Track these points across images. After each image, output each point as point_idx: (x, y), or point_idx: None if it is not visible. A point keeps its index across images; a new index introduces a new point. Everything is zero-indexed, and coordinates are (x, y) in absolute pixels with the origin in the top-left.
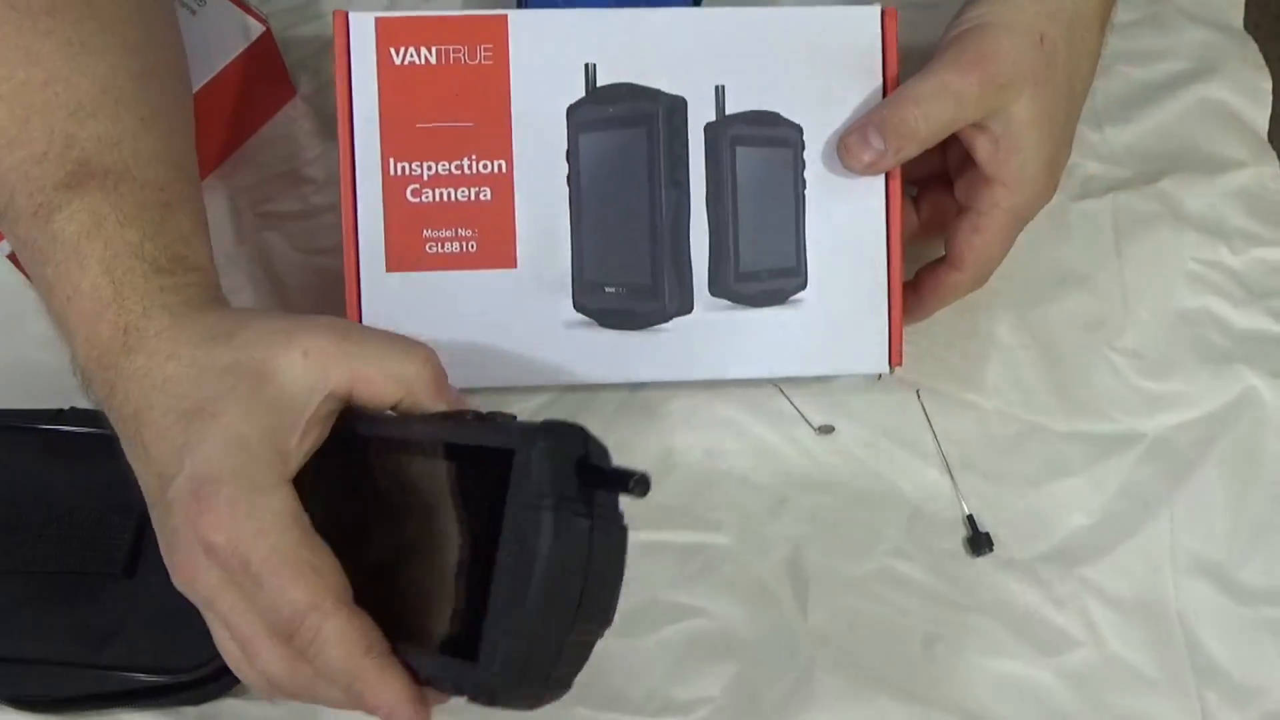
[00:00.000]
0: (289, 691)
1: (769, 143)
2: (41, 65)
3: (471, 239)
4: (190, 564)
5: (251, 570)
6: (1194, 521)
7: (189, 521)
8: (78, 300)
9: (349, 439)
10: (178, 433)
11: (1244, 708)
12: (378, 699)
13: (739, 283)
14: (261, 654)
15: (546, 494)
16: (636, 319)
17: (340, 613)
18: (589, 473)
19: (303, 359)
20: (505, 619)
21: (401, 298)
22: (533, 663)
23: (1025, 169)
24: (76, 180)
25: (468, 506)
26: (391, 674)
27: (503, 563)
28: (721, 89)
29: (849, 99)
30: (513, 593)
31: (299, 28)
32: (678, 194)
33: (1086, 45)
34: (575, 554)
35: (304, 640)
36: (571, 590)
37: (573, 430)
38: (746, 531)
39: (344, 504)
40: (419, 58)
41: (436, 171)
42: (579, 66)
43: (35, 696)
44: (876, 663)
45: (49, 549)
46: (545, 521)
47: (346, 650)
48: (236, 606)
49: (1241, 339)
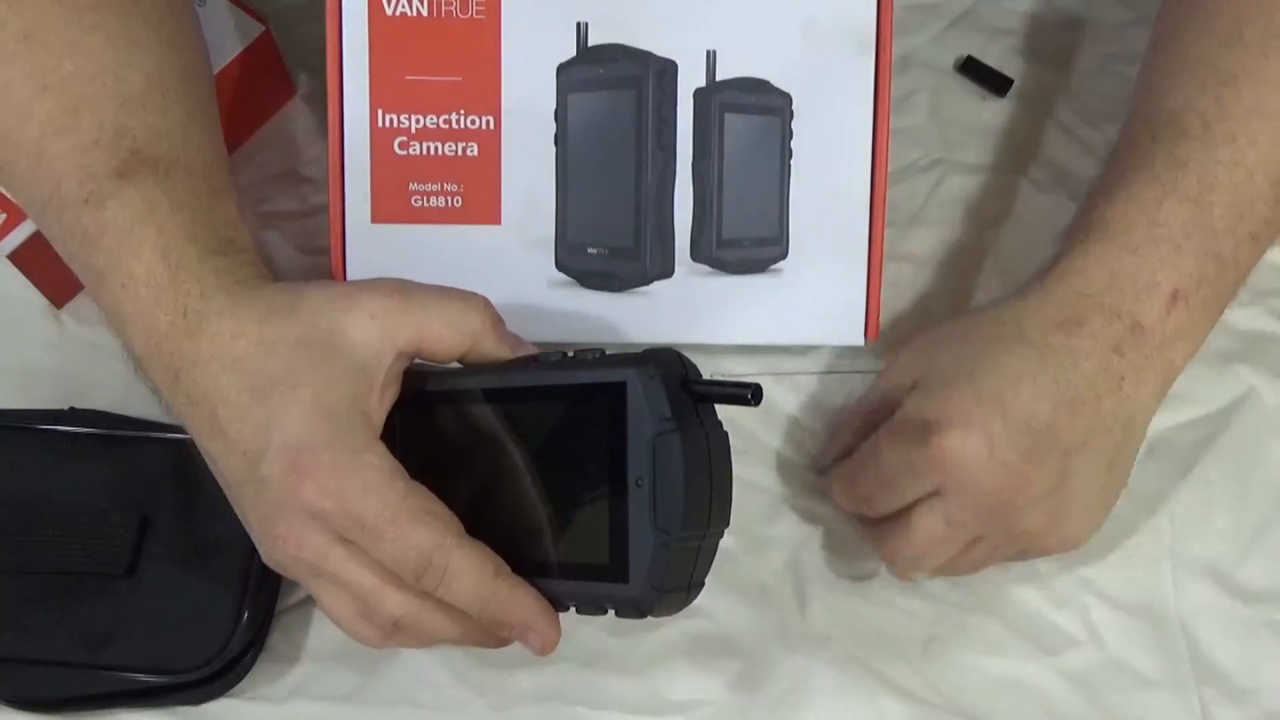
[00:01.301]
0: (414, 632)
1: (758, 110)
2: (90, 58)
3: (457, 194)
4: (296, 534)
5: (367, 526)
6: (1194, 521)
7: (290, 492)
8: (133, 287)
9: (423, 399)
10: (258, 410)
11: (1244, 708)
12: (515, 614)
13: (721, 249)
14: (387, 601)
15: (668, 416)
16: (618, 281)
17: (464, 545)
18: (696, 389)
19: (370, 321)
20: (648, 536)
21: (385, 249)
22: (680, 571)
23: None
24: (129, 169)
25: (582, 445)
26: (524, 590)
27: (635, 485)
28: (713, 54)
29: (841, 72)
30: (655, 511)
31: (299, 27)
32: (664, 158)
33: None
34: (701, 465)
35: (434, 578)
36: (704, 500)
37: (671, 354)
38: (746, 532)
39: (427, 454)
40: (411, 9)
41: (425, 125)
42: (571, 25)
43: (35, 696)
44: (876, 663)
45: (49, 549)
46: (675, 442)
47: (477, 578)
48: (349, 563)
49: (1241, 339)
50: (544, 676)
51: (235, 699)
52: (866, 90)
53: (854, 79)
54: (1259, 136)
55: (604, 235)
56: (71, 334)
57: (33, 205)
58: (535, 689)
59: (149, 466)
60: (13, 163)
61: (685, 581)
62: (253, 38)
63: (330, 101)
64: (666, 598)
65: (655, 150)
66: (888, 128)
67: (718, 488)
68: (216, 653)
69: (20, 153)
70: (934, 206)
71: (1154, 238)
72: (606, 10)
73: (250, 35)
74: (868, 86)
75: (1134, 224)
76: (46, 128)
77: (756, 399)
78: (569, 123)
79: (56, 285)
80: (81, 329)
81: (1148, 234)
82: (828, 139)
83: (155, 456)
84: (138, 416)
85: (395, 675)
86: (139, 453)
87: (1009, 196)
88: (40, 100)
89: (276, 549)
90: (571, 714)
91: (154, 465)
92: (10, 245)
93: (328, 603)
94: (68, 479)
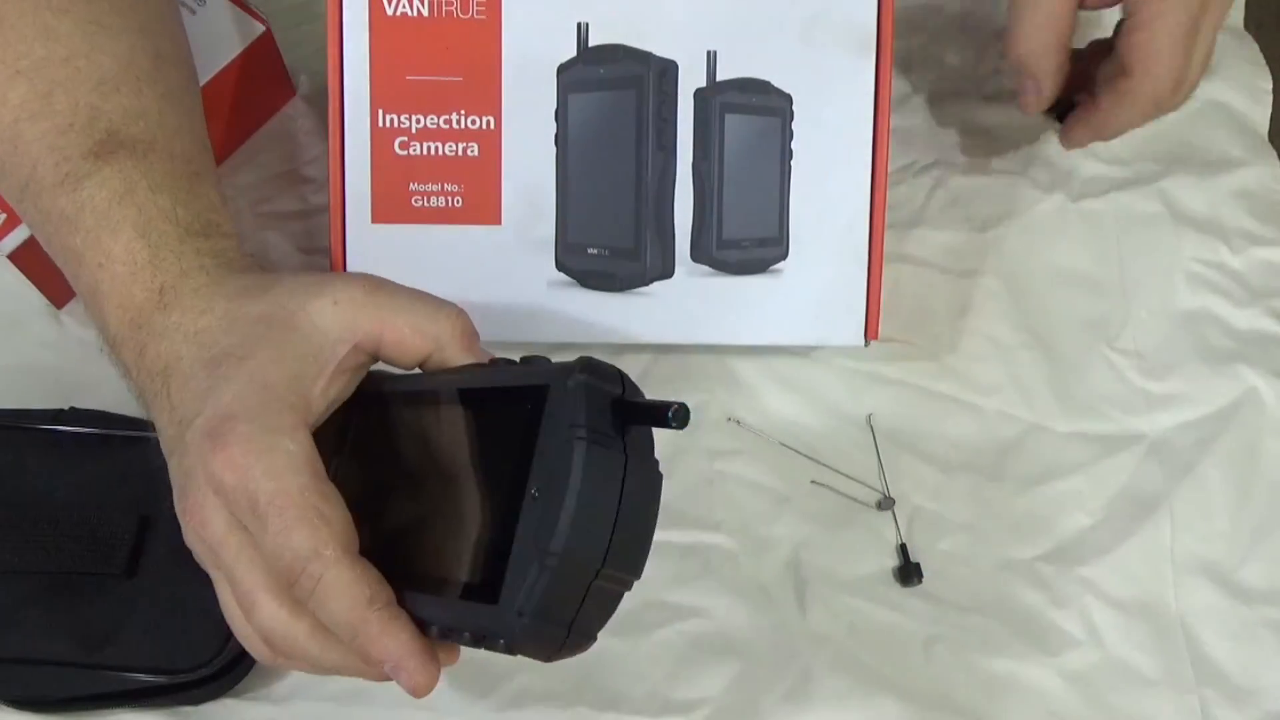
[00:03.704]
0: (286, 651)
1: (758, 111)
2: (60, 42)
3: (457, 194)
4: (199, 507)
5: (258, 511)
6: (1194, 521)
7: (201, 460)
8: (110, 266)
9: (374, 403)
10: (203, 379)
11: (1244, 708)
12: (382, 650)
13: (721, 250)
14: (259, 607)
15: (581, 424)
16: (617, 281)
17: (343, 562)
18: (624, 410)
19: (332, 307)
20: (530, 553)
21: (385, 249)
22: (556, 603)
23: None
24: (105, 150)
25: (496, 452)
26: (397, 625)
27: (531, 497)
28: (714, 54)
29: (841, 73)
30: (539, 526)
31: (299, 28)
32: (664, 158)
33: None
34: (608, 489)
35: (305, 589)
36: (601, 527)
37: (609, 369)
38: (746, 532)
39: (368, 469)
40: (411, 9)
41: (425, 124)
42: (571, 25)
43: (35, 696)
44: (876, 663)
45: (49, 549)
46: (578, 451)
47: (349, 601)
48: (240, 556)
49: (1242, 339)
50: (544, 677)
51: (235, 699)
52: (867, 91)
53: (854, 80)
54: None
55: (604, 235)
56: (71, 334)
57: (11, 193)
58: (535, 689)
59: (149, 466)
60: None
61: (564, 620)
62: (253, 38)
63: (330, 102)
64: (535, 630)
65: (655, 151)
66: (888, 128)
67: (628, 524)
68: (216, 653)
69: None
70: (934, 207)
71: None
72: (607, 10)
73: (250, 35)
74: (868, 87)
75: None
76: (20, 113)
77: (680, 421)
78: (569, 123)
79: (56, 285)
80: (81, 329)
81: None
82: (828, 139)
83: (155, 456)
84: (138, 416)
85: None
86: (139, 452)
87: (1009, 196)
88: (13, 86)
89: (187, 524)
90: (571, 714)
91: (154, 465)
92: (10, 245)
93: (222, 600)
94: (68, 479)
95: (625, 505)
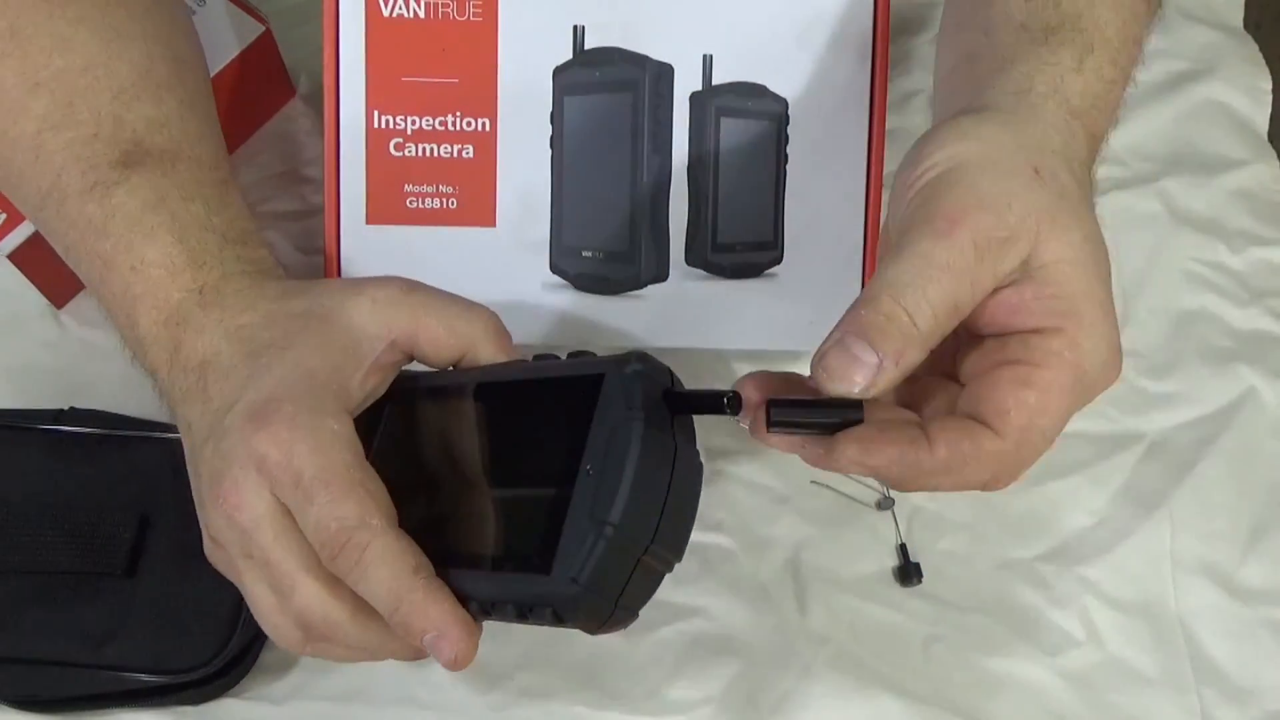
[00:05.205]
0: (324, 633)
1: (754, 115)
2: (77, 52)
3: (452, 196)
4: (237, 488)
5: (303, 484)
6: (1194, 521)
7: (244, 440)
8: (144, 270)
9: (405, 400)
10: (243, 370)
11: (1244, 707)
12: (426, 619)
13: (716, 253)
14: (300, 588)
15: (637, 406)
16: (612, 284)
17: (390, 533)
18: (676, 400)
19: (370, 305)
20: (586, 525)
21: (380, 250)
22: (608, 573)
23: (1083, 313)
24: (133, 159)
25: (547, 437)
26: (440, 594)
27: (585, 474)
28: (709, 58)
29: (837, 76)
30: (595, 500)
31: (299, 28)
32: (659, 161)
33: (1087, 189)
34: (660, 469)
35: (349, 558)
36: (653, 505)
37: (659, 364)
38: (746, 531)
39: (398, 463)
40: (408, 11)
41: (420, 126)
42: (568, 28)
43: (35, 696)
44: (876, 663)
45: (49, 549)
46: (636, 430)
47: (396, 568)
48: (280, 537)
49: (1241, 339)
50: (544, 676)
51: (235, 699)
52: (862, 95)
53: (850, 84)
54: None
55: (599, 238)
56: (71, 334)
57: (30, 201)
58: (535, 689)
59: (149, 466)
60: (9, 160)
61: (613, 590)
62: (253, 38)
63: (327, 102)
64: (587, 600)
65: (651, 154)
66: (883, 132)
67: (674, 506)
68: (216, 653)
69: (17, 149)
70: None
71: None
72: (603, 13)
73: (250, 35)
74: (864, 91)
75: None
76: (43, 123)
77: (734, 407)
78: (565, 125)
79: (56, 285)
80: (81, 329)
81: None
82: (823, 143)
83: (155, 456)
84: (137, 416)
85: (395, 675)
86: (139, 453)
87: None
88: (34, 97)
89: (220, 508)
90: (571, 714)
91: (154, 465)
92: (10, 245)
93: (252, 590)
94: (68, 479)
95: (674, 487)
